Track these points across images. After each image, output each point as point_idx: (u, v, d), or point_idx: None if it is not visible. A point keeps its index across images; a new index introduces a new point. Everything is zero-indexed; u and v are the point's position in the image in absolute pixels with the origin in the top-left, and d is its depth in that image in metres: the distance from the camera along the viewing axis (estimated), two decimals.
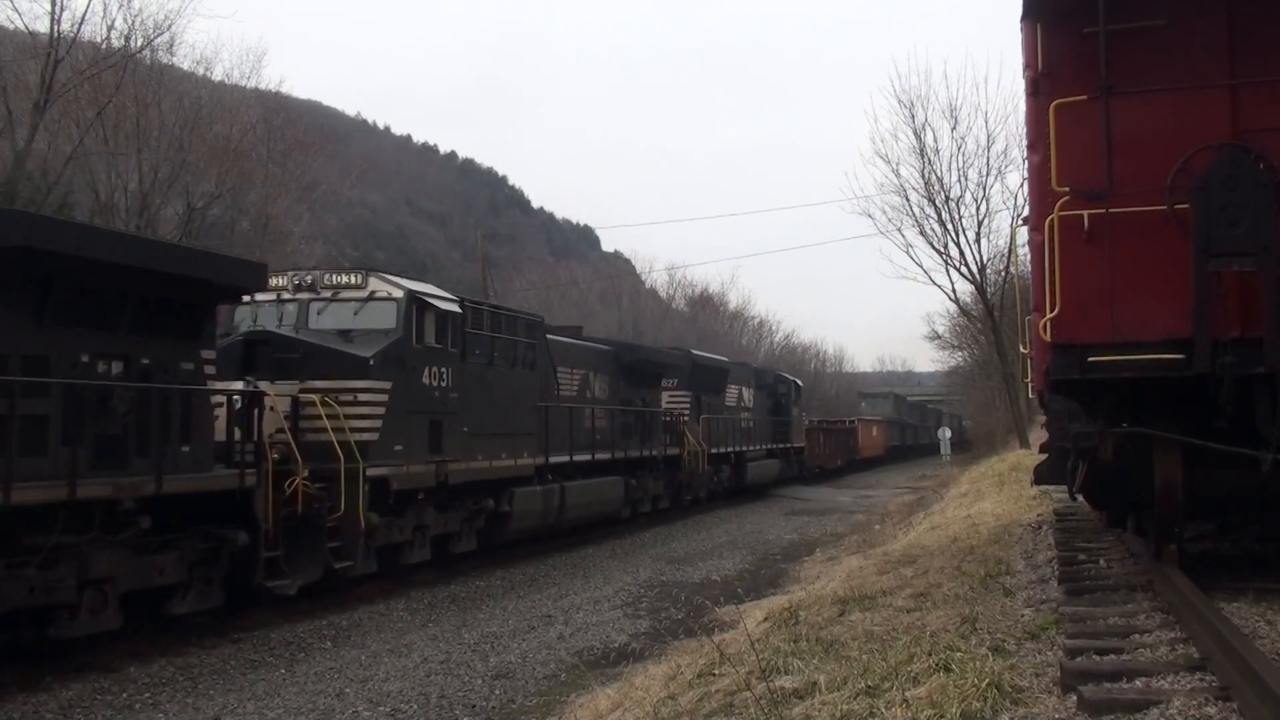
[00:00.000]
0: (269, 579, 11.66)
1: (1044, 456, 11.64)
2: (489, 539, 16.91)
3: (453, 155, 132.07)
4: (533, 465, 17.84)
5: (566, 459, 19.21)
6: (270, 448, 11.89)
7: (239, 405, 11.92)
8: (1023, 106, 8.85)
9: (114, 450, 10.19)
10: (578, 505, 19.45)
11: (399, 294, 14.32)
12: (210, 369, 11.71)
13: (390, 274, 15.33)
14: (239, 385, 12.21)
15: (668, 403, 26.67)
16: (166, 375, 10.93)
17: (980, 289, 34.93)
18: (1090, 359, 7.22)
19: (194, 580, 10.98)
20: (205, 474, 11.20)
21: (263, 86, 35.83)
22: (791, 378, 41.41)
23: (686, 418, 26.83)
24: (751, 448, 32.66)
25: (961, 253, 33.83)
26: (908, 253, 36.78)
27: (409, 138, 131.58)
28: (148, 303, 10.64)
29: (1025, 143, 8.83)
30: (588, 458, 20.32)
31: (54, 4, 24.99)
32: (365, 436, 13.19)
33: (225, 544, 11.17)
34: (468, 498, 15.99)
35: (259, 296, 13.87)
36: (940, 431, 61.40)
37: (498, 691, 9.46)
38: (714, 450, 28.48)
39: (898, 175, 34.49)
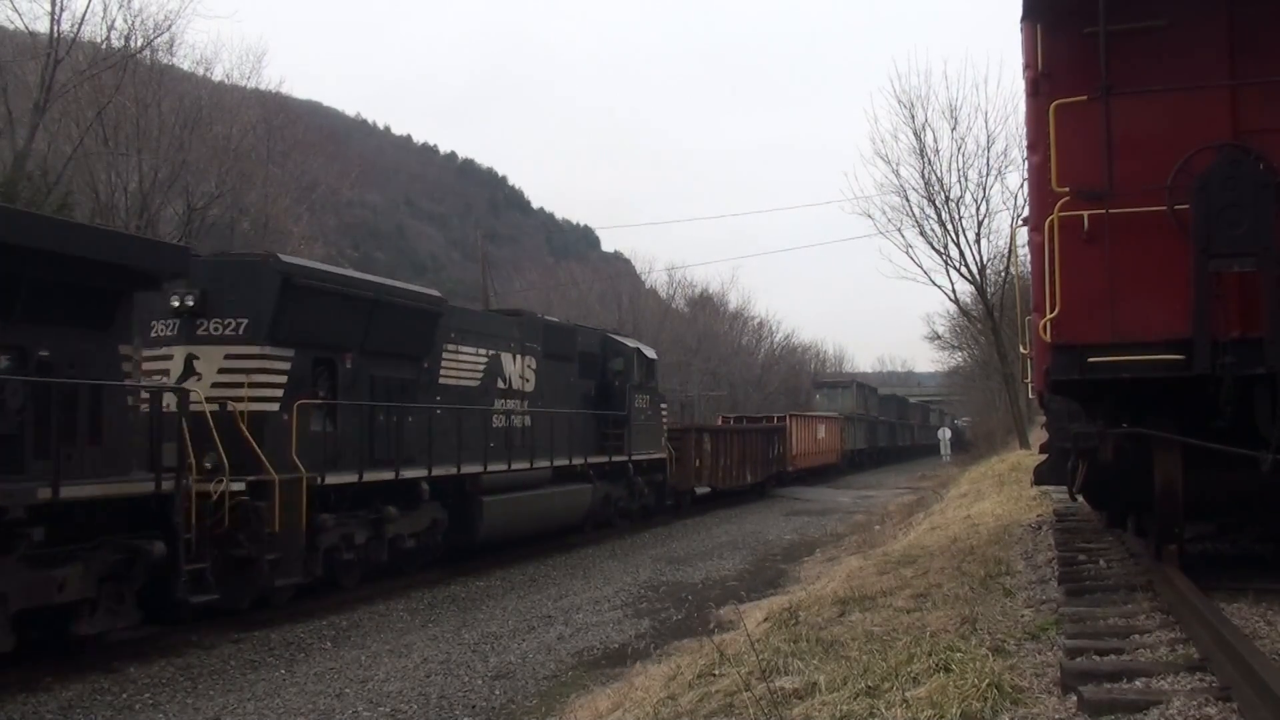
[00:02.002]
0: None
1: (1044, 457, 11.61)
2: None
3: (453, 155, 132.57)
4: None
5: None
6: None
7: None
8: (1022, 107, 8.85)
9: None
10: None
11: None
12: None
13: None
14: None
15: (222, 370, 12.49)
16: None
17: (980, 289, 34.86)
18: (1090, 359, 7.21)
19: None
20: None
21: (262, 87, 35.83)
22: (634, 344, 24.81)
23: (276, 407, 12.70)
24: (510, 466, 17.74)
25: (961, 253, 33.76)
26: (908, 253, 36.90)
27: (409, 138, 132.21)
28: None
29: (1025, 143, 8.82)
30: None
31: (54, 4, 24.98)
32: None
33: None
34: None
35: None
36: (940, 432, 61.43)
37: (498, 692, 9.46)
38: (358, 477, 13.78)
39: (898, 175, 34.45)
